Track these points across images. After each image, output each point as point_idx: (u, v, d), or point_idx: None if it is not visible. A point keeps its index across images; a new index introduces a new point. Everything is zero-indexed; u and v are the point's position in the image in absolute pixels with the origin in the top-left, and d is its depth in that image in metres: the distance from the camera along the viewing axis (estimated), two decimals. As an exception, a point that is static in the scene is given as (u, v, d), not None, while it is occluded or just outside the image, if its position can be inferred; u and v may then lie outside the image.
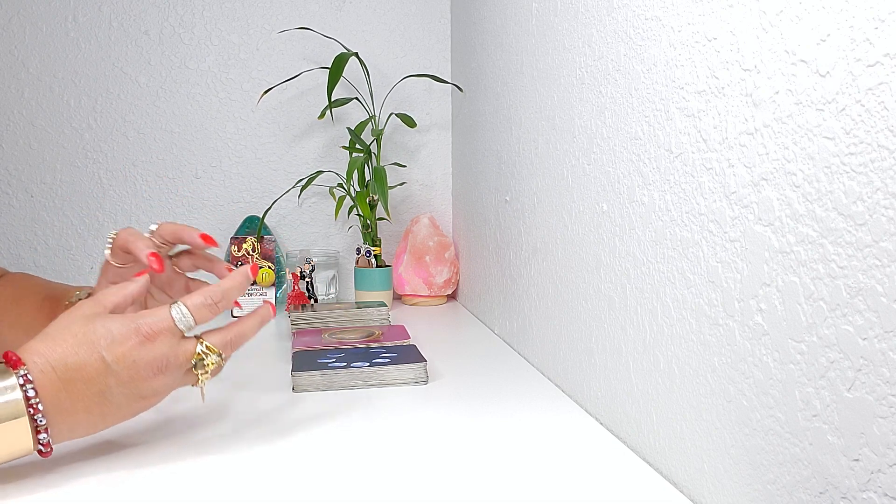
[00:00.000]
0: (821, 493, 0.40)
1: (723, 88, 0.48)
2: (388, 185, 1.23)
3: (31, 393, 0.51)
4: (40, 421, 0.51)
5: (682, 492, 0.54)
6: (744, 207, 0.46)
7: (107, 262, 0.70)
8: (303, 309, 1.13)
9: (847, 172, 0.38)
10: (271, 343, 1.06)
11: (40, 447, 0.52)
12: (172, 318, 0.57)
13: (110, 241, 0.69)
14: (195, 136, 1.40)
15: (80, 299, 0.74)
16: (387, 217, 1.28)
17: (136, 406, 0.57)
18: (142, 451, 0.61)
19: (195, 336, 0.59)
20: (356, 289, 1.32)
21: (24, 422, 0.51)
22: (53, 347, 0.53)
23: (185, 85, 1.39)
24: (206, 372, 0.59)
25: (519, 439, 0.63)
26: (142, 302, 0.71)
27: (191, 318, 0.58)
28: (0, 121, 1.34)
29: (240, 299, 1.19)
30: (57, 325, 0.55)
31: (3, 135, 1.35)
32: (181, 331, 0.57)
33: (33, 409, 0.51)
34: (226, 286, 0.60)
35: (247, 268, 0.62)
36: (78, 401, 0.53)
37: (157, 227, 0.69)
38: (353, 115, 1.41)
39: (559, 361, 0.81)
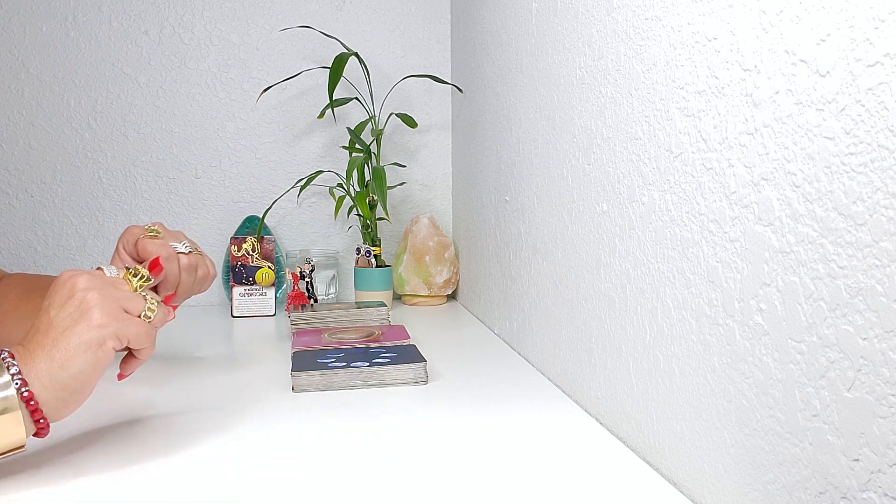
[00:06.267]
0: (821, 493, 0.40)
1: (723, 88, 0.48)
2: (388, 185, 1.23)
3: (24, 391, 0.53)
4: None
5: (682, 492, 0.54)
6: (744, 207, 0.46)
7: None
8: (303, 309, 1.13)
9: (847, 172, 0.38)
10: (271, 343, 1.06)
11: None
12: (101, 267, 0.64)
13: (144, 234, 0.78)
14: (195, 136, 1.40)
15: None
16: (386, 217, 1.28)
17: (79, 325, 0.56)
18: (139, 450, 0.61)
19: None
20: (356, 289, 1.32)
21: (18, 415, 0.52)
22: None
23: (185, 85, 1.39)
24: (141, 278, 0.64)
25: (519, 439, 0.63)
26: None
27: (115, 270, 0.64)
28: (0, 121, 1.34)
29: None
30: None
31: (3, 135, 1.35)
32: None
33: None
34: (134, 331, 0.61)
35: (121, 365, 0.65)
36: (34, 342, 0.56)
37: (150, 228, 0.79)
38: (353, 114, 1.41)
39: (559, 361, 0.81)
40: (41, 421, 0.53)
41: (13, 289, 0.83)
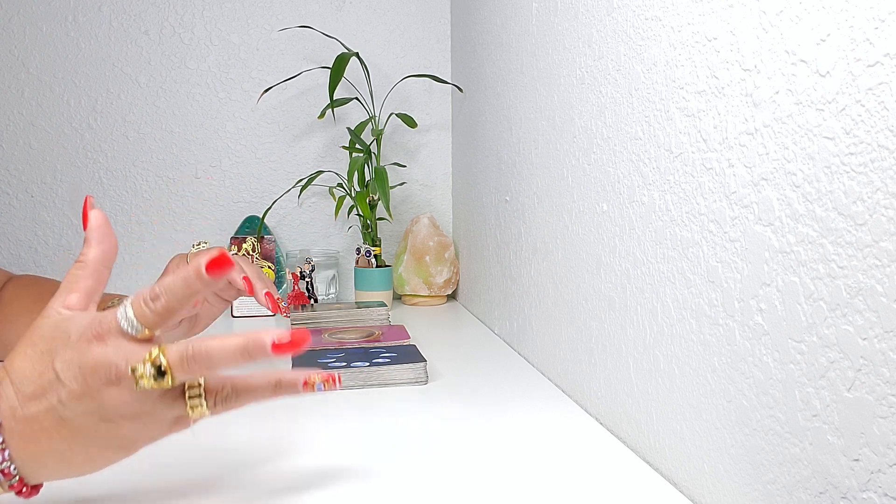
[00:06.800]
0: (821, 493, 0.40)
1: (723, 88, 0.48)
2: (389, 185, 1.23)
3: None
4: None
5: (682, 492, 0.54)
6: (744, 207, 0.46)
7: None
8: (303, 309, 1.13)
9: (847, 172, 0.38)
10: (271, 343, 1.06)
11: (15, 485, 0.44)
12: (117, 317, 0.45)
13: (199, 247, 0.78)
14: (195, 136, 1.40)
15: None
16: (388, 217, 1.29)
17: (103, 432, 0.44)
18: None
19: (158, 344, 0.45)
20: (356, 289, 1.32)
21: None
22: (12, 361, 0.45)
23: (185, 85, 1.39)
24: (199, 403, 0.46)
25: (519, 439, 0.63)
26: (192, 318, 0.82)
27: (132, 316, 0.44)
28: (0, 121, 1.34)
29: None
30: (27, 334, 0.46)
31: (3, 135, 1.35)
32: (127, 332, 0.44)
33: None
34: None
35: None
36: (35, 422, 0.43)
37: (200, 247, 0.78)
38: (353, 115, 1.41)
39: (559, 361, 0.81)
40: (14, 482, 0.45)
41: (26, 290, 0.82)
